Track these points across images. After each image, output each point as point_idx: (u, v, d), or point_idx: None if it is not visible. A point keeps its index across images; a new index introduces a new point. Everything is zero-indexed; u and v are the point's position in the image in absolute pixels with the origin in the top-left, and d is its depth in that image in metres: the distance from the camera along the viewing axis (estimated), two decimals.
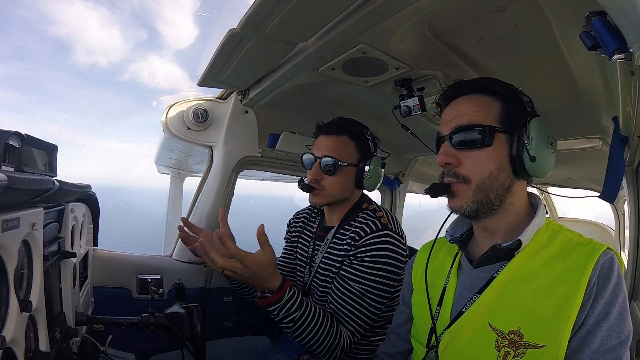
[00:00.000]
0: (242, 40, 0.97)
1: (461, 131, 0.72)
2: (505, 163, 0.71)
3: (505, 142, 0.71)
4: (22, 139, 0.63)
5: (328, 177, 1.22)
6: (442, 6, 0.82)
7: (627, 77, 0.70)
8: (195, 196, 1.60)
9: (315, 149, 1.25)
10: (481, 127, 0.71)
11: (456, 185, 0.73)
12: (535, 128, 0.70)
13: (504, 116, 0.72)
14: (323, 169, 1.21)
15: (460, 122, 0.73)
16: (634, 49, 0.48)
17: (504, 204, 0.73)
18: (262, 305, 1.04)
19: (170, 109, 1.52)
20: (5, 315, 0.57)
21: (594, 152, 1.50)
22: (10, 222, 0.56)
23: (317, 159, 1.22)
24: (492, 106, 0.73)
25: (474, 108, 0.73)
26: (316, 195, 1.24)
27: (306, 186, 1.24)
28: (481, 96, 0.75)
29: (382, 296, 1.12)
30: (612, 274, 0.62)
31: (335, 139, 1.23)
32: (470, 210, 0.72)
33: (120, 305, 1.39)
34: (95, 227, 1.41)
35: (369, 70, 1.14)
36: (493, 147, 0.71)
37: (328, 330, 1.07)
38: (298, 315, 1.04)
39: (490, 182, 0.70)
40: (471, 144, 0.71)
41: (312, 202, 1.27)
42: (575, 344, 0.62)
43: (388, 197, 2.29)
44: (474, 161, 0.71)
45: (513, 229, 0.74)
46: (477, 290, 0.72)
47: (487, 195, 0.71)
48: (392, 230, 1.16)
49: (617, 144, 1.01)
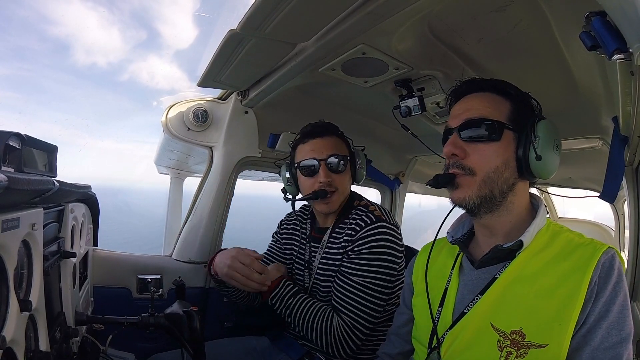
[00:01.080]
0: (242, 41, 0.97)
1: (471, 124, 0.73)
2: (511, 160, 0.72)
3: (513, 139, 0.72)
4: (22, 140, 0.63)
5: (338, 176, 1.21)
6: (442, 6, 0.82)
7: (627, 77, 0.70)
8: (195, 196, 1.60)
9: (313, 153, 1.21)
10: (491, 122, 0.71)
11: (461, 177, 0.73)
12: (543, 129, 0.71)
13: (513, 115, 0.73)
14: (334, 169, 1.20)
15: (471, 115, 0.74)
16: (634, 49, 0.48)
17: (505, 202, 0.73)
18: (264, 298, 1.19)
19: (170, 109, 1.52)
20: (5, 315, 0.57)
21: (594, 152, 1.50)
22: (10, 222, 0.56)
23: (321, 162, 1.19)
24: (502, 104, 0.74)
25: (486, 104, 0.74)
26: (331, 202, 1.20)
27: (321, 192, 1.18)
28: (492, 94, 0.76)
29: (383, 286, 1.13)
30: (612, 272, 0.63)
31: (330, 139, 1.22)
32: (472, 203, 0.72)
33: (120, 305, 1.39)
34: (95, 227, 1.41)
35: (369, 70, 1.14)
36: (501, 142, 0.71)
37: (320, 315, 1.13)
38: (294, 301, 1.16)
39: (496, 176, 0.71)
40: (480, 137, 0.72)
41: (327, 210, 1.23)
42: (577, 342, 0.62)
43: (388, 197, 2.28)
44: (481, 154, 0.72)
45: (514, 229, 0.74)
46: (478, 291, 0.72)
47: (491, 190, 0.71)
48: (386, 221, 1.17)
49: (617, 144, 1.01)
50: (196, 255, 1.54)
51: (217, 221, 1.55)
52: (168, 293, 1.45)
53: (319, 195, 1.18)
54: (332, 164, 1.20)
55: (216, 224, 1.56)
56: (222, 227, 1.58)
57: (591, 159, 1.67)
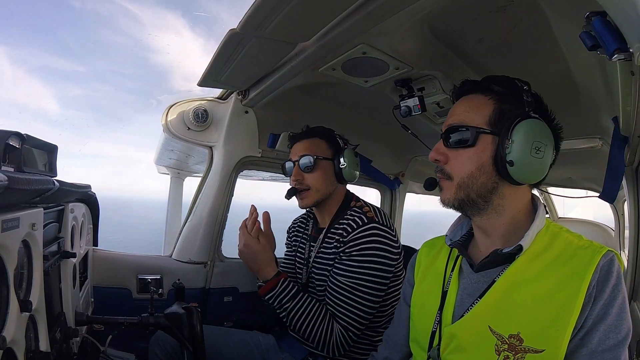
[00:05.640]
0: (242, 41, 0.97)
1: (451, 130, 0.74)
2: (487, 165, 0.71)
3: (491, 143, 0.71)
4: (22, 139, 0.63)
5: (309, 175, 1.29)
6: (442, 6, 0.82)
7: (627, 77, 0.70)
8: (195, 196, 1.60)
9: (292, 155, 1.34)
10: (465, 128, 0.72)
11: (442, 181, 0.76)
12: (520, 131, 0.68)
13: (495, 117, 0.71)
14: (302, 168, 1.29)
15: (452, 121, 0.75)
16: (634, 49, 0.48)
17: (491, 205, 0.73)
18: (261, 294, 1.21)
19: (171, 109, 1.52)
20: (5, 315, 0.57)
21: (594, 152, 1.50)
22: (10, 222, 0.56)
23: (295, 162, 1.31)
24: (484, 107, 0.73)
25: (466, 108, 0.75)
26: (304, 198, 1.31)
27: (291, 190, 1.32)
28: (478, 96, 0.75)
29: (374, 288, 1.15)
30: (610, 275, 0.62)
31: (306, 141, 1.33)
32: (452, 205, 0.75)
33: (120, 305, 1.39)
34: (95, 227, 1.41)
35: (369, 70, 1.14)
36: (476, 148, 0.71)
37: (320, 322, 1.15)
38: (290, 305, 1.18)
39: (470, 181, 0.72)
40: (457, 143, 0.73)
41: (302, 205, 1.34)
42: (574, 345, 0.62)
43: (388, 197, 2.28)
44: (458, 160, 0.73)
45: (510, 232, 0.73)
46: (478, 294, 0.72)
47: (467, 194, 0.72)
48: (379, 222, 1.19)
49: (617, 144, 1.01)
50: (196, 255, 1.54)
51: (217, 221, 1.56)
52: (168, 293, 1.45)
53: (290, 192, 1.32)
54: (302, 163, 1.29)
55: (216, 224, 1.56)
56: (222, 227, 1.59)
57: (591, 159, 1.67)
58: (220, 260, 1.60)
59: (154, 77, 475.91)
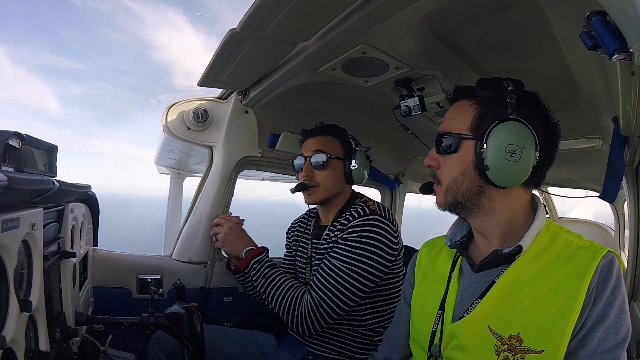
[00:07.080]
0: (242, 41, 0.97)
1: (439, 138, 0.77)
2: (469, 169, 0.72)
3: (472, 148, 0.72)
4: (22, 139, 0.63)
5: (320, 172, 1.29)
6: (442, 6, 0.82)
7: (627, 77, 0.70)
8: (195, 196, 1.60)
9: (303, 150, 1.34)
10: (448, 135, 0.75)
11: (435, 186, 0.80)
12: (495, 135, 0.68)
13: (475, 122, 0.72)
14: (314, 165, 1.29)
15: (440, 129, 0.78)
16: (634, 49, 0.48)
17: (481, 207, 0.73)
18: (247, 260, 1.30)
19: (170, 109, 1.52)
20: (5, 315, 0.57)
21: (594, 152, 1.50)
22: (10, 222, 0.56)
23: (306, 158, 1.31)
24: (467, 112, 0.74)
25: (452, 115, 0.77)
26: (311, 194, 1.30)
27: (300, 185, 1.31)
28: (463, 102, 0.76)
29: (364, 277, 1.14)
30: (610, 276, 0.63)
31: (320, 138, 1.32)
32: (445, 208, 0.78)
33: (120, 305, 1.39)
34: (95, 227, 1.41)
35: (369, 70, 1.14)
36: (459, 153, 0.73)
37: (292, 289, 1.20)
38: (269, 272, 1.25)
39: (456, 186, 0.74)
40: (445, 149, 0.75)
41: (308, 201, 1.34)
42: (573, 346, 0.62)
43: (388, 197, 2.28)
44: (445, 165, 0.76)
45: (506, 233, 0.74)
46: (478, 295, 0.72)
47: (455, 197, 0.75)
48: (380, 215, 1.19)
49: (617, 144, 1.01)
50: (196, 255, 1.54)
51: None
52: (168, 293, 1.44)
53: (298, 187, 1.31)
54: (314, 160, 1.29)
55: None
56: None
57: (591, 159, 1.67)
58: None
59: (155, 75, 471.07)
